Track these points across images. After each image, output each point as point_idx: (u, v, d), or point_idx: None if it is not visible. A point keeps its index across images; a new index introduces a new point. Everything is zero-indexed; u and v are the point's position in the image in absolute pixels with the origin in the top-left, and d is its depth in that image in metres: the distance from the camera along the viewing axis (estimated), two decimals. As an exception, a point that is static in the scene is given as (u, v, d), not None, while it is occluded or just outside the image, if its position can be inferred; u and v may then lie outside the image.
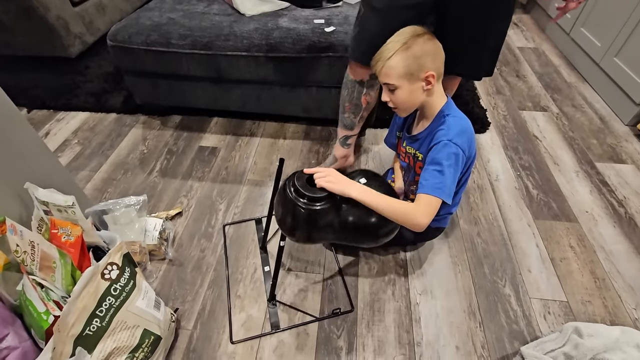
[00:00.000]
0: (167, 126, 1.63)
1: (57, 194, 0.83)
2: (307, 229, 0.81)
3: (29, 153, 0.91)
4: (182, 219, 1.24)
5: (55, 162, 1.01)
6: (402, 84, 0.81)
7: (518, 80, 1.92)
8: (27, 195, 0.85)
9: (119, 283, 0.75)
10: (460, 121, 0.85)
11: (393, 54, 0.79)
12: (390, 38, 0.81)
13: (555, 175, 1.38)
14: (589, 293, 1.03)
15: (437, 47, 0.80)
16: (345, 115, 1.17)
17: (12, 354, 0.67)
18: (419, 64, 0.79)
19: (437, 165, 0.81)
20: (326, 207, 0.78)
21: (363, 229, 0.84)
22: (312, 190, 0.78)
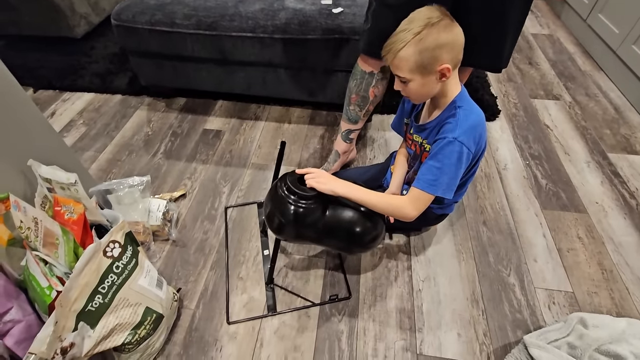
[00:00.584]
0: (172, 108, 1.62)
1: (60, 171, 0.82)
2: (294, 227, 0.82)
3: (33, 131, 0.91)
4: (185, 200, 1.24)
5: (59, 140, 1.01)
6: (414, 77, 0.75)
7: (531, 67, 1.87)
8: (31, 173, 0.85)
9: (121, 261, 0.76)
10: (472, 115, 0.79)
11: (404, 45, 0.71)
12: (402, 25, 0.74)
13: (566, 165, 1.35)
14: (596, 284, 1.01)
15: (455, 35, 0.72)
16: (351, 107, 1.14)
17: (16, 327, 0.68)
18: (432, 57, 0.71)
19: (436, 161, 0.78)
20: (314, 206, 0.81)
21: (348, 232, 0.85)
22: (303, 188, 0.81)
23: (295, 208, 0.80)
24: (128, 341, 0.76)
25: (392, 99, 1.59)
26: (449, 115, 0.80)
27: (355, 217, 0.85)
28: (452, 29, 0.71)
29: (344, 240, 0.87)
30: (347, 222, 0.84)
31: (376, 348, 0.90)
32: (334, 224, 0.84)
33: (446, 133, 0.78)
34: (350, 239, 0.86)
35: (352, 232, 0.85)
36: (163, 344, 0.89)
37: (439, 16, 0.71)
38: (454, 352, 0.89)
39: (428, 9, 0.73)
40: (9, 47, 1.97)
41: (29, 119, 0.90)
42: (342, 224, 0.84)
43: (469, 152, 0.78)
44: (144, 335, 0.79)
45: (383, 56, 0.77)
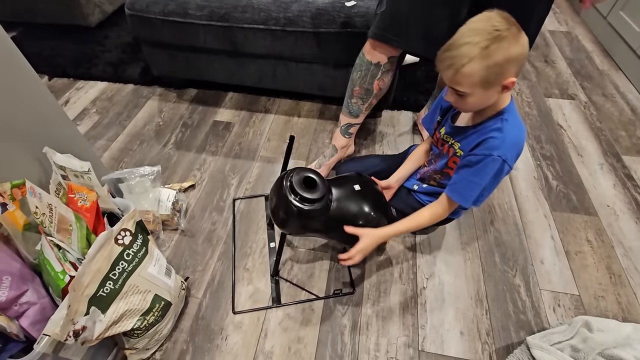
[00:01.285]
0: (183, 99, 1.63)
1: (74, 160, 0.84)
2: (297, 225, 0.84)
3: (49, 119, 0.93)
4: (194, 191, 1.26)
5: (74, 129, 1.03)
6: (475, 91, 0.68)
7: (546, 65, 1.83)
8: (46, 160, 0.87)
9: (132, 249, 0.77)
10: (517, 130, 0.75)
11: (469, 61, 0.64)
12: (464, 35, 0.65)
13: (578, 166, 1.33)
14: (603, 288, 1.00)
15: (524, 46, 0.65)
16: (353, 100, 1.10)
17: (31, 309, 0.70)
18: (500, 73, 0.65)
19: (476, 176, 0.76)
20: (316, 209, 0.81)
21: (349, 234, 0.85)
22: (307, 190, 0.80)
23: (298, 209, 0.80)
24: (137, 327, 0.78)
25: (404, 95, 1.58)
26: (495, 127, 0.75)
27: (359, 211, 0.86)
28: (521, 39, 0.65)
29: (348, 235, 0.87)
30: (351, 217, 0.85)
31: (378, 343, 0.91)
32: (338, 218, 0.85)
33: (492, 150, 0.73)
34: (352, 235, 0.86)
35: (356, 227, 0.85)
36: (170, 330, 0.91)
37: (507, 26, 0.63)
38: (457, 350, 0.89)
39: (492, 17, 0.65)
40: (25, 35, 2.00)
41: (45, 106, 0.92)
42: (346, 218, 0.85)
43: (509, 169, 0.75)
44: (152, 322, 0.81)
45: (437, 65, 0.70)
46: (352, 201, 0.86)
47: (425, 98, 1.58)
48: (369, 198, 0.90)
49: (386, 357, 0.89)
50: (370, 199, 0.90)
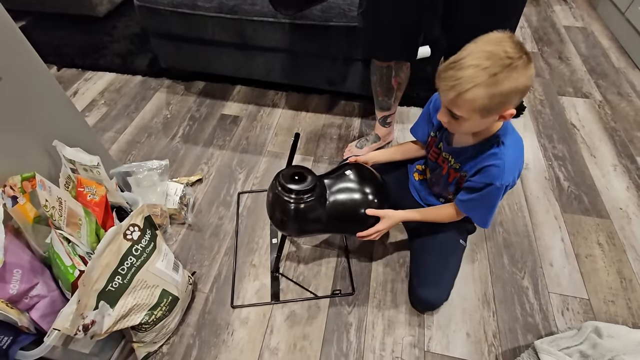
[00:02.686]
0: (191, 92, 1.62)
1: (83, 154, 0.84)
2: (296, 224, 0.84)
3: (59, 112, 0.93)
4: (202, 185, 1.26)
5: (83, 122, 1.03)
6: (473, 117, 0.65)
7: (560, 62, 1.78)
8: (56, 154, 0.87)
9: (140, 244, 0.78)
10: (516, 151, 0.74)
11: (474, 86, 0.60)
12: (472, 55, 0.61)
13: (591, 167, 1.31)
14: (613, 293, 0.99)
15: (531, 78, 0.62)
16: (380, 99, 1.18)
17: (41, 302, 0.71)
18: (502, 102, 0.62)
19: (482, 202, 0.78)
20: (312, 199, 0.81)
21: (353, 217, 0.86)
22: (297, 183, 0.80)
23: (295, 205, 0.80)
24: (145, 321, 0.79)
25: (413, 90, 1.55)
26: (492, 152, 0.73)
27: (357, 199, 0.86)
28: (529, 70, 0.61)
29: (351, 226, 0.88)
30: (350, 207, 0.86)
31: (384, 342, 0.91)
32: (336, 212, 0.85)
33: (494, 179, 0.73)
34: (356, 223, 0.87)
35: (358, 216, 0.86)
36: (177, 324, 0.92)
37: (519, 54, 0.59)
38: (462, 352, 0.89)
39: (504, 41, 0.60)
40: (33, 24, 1.99)
41: (55, 99, 0.92)
42: (346, 209, 0.86)
43: (511, 185, 0.76)
44: (160, 316, 0.82)
45: (437, 84, 0.66)
46: (345, 192, 0.87)
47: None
48: (364, 179, 0.89)
49: (392, 357, 0.89)
50: (365, 180, 0.89)
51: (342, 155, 1.35)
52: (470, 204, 0.80)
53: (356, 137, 1.41)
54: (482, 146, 0.75)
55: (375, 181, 0.91)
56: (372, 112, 1.51)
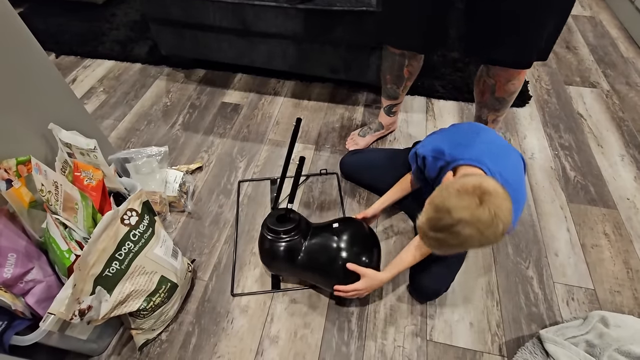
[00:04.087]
0: (191, 80, 1.60)
1: (79, 137, 0.82)
2: (279, 262, 0.89)
3: (55, 96, 0.91)
4: (202, 173, 1.24)
5: (80, 106, 1.01)
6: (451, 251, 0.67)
7: (568, 52, 1.75)
8: (52, 138, 0.85)
9: (138, 229, 0.76)
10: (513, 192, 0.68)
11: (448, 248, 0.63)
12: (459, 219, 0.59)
13: (598, 157, 1.28)
14: (619, 283, 0.97)
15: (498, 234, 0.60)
16: (388, 86, 1.15)
17: (37, 287, 0.70)
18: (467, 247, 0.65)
19: None
20: (291, 242, 0.86)
21: (326, 268, 0.86)
22: (281, 225, 0.87)
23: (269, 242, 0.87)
24: (143, 307, 0.78)
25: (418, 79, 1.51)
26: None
27: (337, 250, 0.86)
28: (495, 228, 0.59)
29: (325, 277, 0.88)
30: (327, 255, 0.86)
31: (386, 331, 0.90)
32: (312, 257, 0.87)
33: None
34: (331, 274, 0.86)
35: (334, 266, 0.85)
36: (177, 312, 0.91)
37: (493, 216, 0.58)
38: (465, 341, 0.88)
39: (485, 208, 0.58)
40: (32, 11, 1.96)
41: (52, 83, 0.90)
42: (323, 256, 0.86)
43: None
44: (158, 303, 0.81)
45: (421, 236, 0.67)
46: (331, 237, 0.87)
47: (441, 83, 1.52)
48: (354, 234, 0.89)
49: (393, 346, 0.87)
50: (354, 234, 0.89)
51: (344, 144, 1.33)
52: None
53: (359, 126, 1.39)
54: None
55: (367, 239, 0.90)
56: (375, 101, 1.49)
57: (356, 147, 1.30)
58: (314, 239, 0.88)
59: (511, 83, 0.95)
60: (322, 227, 0.91)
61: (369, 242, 0.90)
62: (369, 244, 0.89)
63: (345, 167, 1.18)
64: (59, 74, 0.91)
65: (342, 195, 1.17)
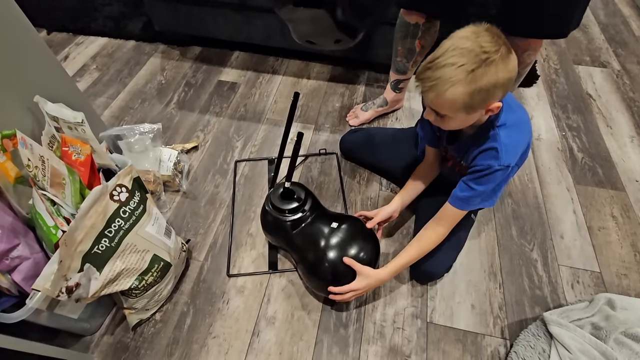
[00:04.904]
0: (187, 57, 1.54)
1: (66, 109, 0.79)
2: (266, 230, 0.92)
3: (43, 70, 0.87)
4: (197, 153, 1.20)
5: (70, 81, 0.96)
6: (457, 115, 0.64)
7: (577, 30, 1.68)
8: (40, 112, 0.82)
9: (129, 206, 0.73)
10: (515, 133, 0.69)
11: (451, 85, 0.58)
12: (447, 54, 0.58)
13: (606, 138, 1.24)
14: (626, 266, 0.94)
15: (512, 70, 0.59)
16: (398, 59, 1.09)
17: (23, 264, 0.67)
18: (484, 98, 0.60)
19: (479, 185, 0.72)
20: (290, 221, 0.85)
21: (317, 255, 0.82)
22: (284, 202, 0.86)
23: (268, 213, 0.87)
24: (135, 286, 0.75)
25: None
26: (487, 138, 0.70)
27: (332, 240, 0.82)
28: (509, 62, 0.58)
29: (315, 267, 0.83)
30: (320, 245, 0.82)
31: (385, 313, 0.88)
32: (303, 241, 0.85)
33: (491, 161, 0.69)
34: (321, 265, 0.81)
35: (325, 257, 0.81)
36: (171, 292, 0.89)
37: (496, 47, 0.57)
38: (467, 324, 0.86)
39: (481, 35, 0.57)
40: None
41: (39, 58, 0.86)
42: (315, 243, 0.83)
43: (515, 167, 0.70)
44: (151, 282, 0.78)
45: (417, 84, 0.63)
46: (332, 226, 0.84)
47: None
48: (354, 231, 0.84)
49: (393, 328, 0.85)
50: (354, 232, 0.84)
51: (344, 124, 1.29)
52: (466, 198, 0.74)
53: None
54: (478, 134, 0.72)
55: (365, 239, 0.84)
56: (377, 80, 1.44)
57: (357, 121, 1.26)
58: (313, 225, 0.84)
59: (527, 54, 0.90)
60: (325, 216, 0.87)
61: (367, 244, 0.84)
62: (367, 245, 0.83)
63: (345, 145, 1.14)
64: (48, 48, 0.88)
65: (342, 175, 1.14)
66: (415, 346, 0.83)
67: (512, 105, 0.71)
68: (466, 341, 0.83)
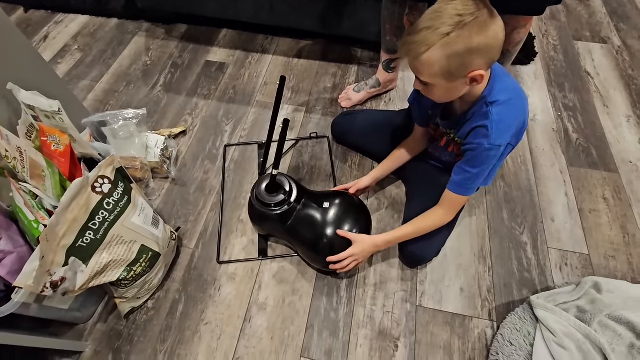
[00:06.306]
0: (172, 36, 1.48)
1: (41, 98, 0.75)
2: (273, 228, 0.92)
3: (16, 54, 0.82)
4: (186, 138, 1.18)
5: (46, 66, 0.92)
6: (438, 82, 0.63)
7: (579, 3, 1.62)
8: (15, 100, 0.78)
9: (112, 197, 0.72)
10: (508, 110, 0.68)
11: (427, 49, 0.58)
12: (425, 18, 0.58)
13: (602, 118, 1.22)
14: (615, 248, 0.95)
15: (491, 37, 0.58)
16: (387, 37, 1.05)
17: (7, 258, 0.66)
18: (462, 64, 0.59)
19: (473, 167, 0.72)
20: (278, 213, 0.85)
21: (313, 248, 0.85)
22: (269, 197, 0.86)
23: (255, 206, 0.87)
24: (123, 277, 0.75)
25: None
26: (481, 115, 0.69)
27: (326, 217, 0.85)
28: (488, 28, 0.57)
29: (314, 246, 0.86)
30: (318, 224, 0.84)
31: (375, 297, 0.89)
32: (300, 226, 0.86)
33: (481, 139, 0.69)
34: (320, 243, 0.84)
35: (322, 235, 0.84)
36: (162, 280, 0.89)
37: (472, 11, 0.56)
38: (455, 307, 0.87)
39: (457, 3, 0.56)
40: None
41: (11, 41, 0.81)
42: (313, 225, 0.85)
43: (508, 146, 0.70)
44: (140, 272, 0.78)
45: (398, 51, 0.63)
46: (323, 206, 0.86)
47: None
48: (345, 205, 0.87)
49: (382, 311, 0.87)
50: (346, 206, 0.87)
51: (336, 106, 1.25)
52: (463, 182, 0.75)
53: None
54: (472, 110, 0.71)
55: (357, 213, 0.88)
56: (371, 59, 1.40)
57: (349, 103, 1.23)
58: (305, 210, 0.85)
59: (517, 32, 0.87)
60: (313, 198, 0.88)
61: (359, 216, 0.87)
62: (359, 217, 0.87)
63: (337, 128, 1.12)
64: (20, 32, 0.82)
65: (333, 160, 1.12)
66: (404, 329, 0.84)
67: (507, 83, 0.70)
68: (454, 324, 0.85)
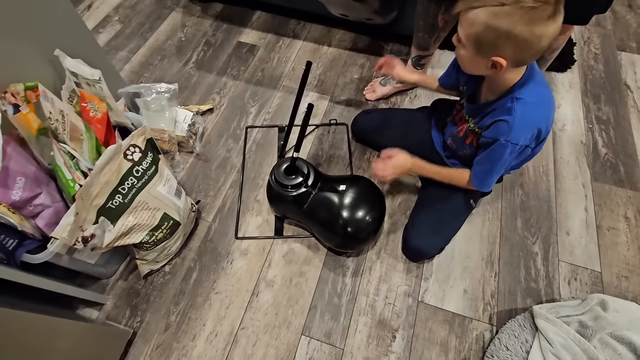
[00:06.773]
0: (208, 14, 1.51)
1: (84, 66, 0.80)
2: (274, 205, 0.97)
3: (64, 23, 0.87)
4: (212, 115, 1.22)
5: (90, 36, 0.97)
6: (468, 46, 0.64)
7: (629, 11, 1.54)
8: (60, 66, 0.84)
9: (141, 166, 0.76)
10: (532, 111, 0.68)
11: (479, 6, 0.58)
12: None
13: (636, 135, 1.17)
14: (629, 269, 0.94)
15: (536, 34, 0.57)
16: (419, 34, 1.05)
17: (45, 211, 0.73)
18: (494, 43, 0.59)
19: (488, 162, 0.75)
20: (294, 195, 0.88)
21: (329, 226, 0.87)
22: (287, 179, 0.88)
23: (276, 189, 0.90)
24: (145, 240, 0.81)
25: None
26: (504, 109, 0.69)
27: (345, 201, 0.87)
28: (538, 25, 0.56)
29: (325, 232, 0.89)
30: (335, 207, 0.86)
31: (379, 288, 0.91)
32: (314, 217, 0.89)
33: (499, 135, 0.69)
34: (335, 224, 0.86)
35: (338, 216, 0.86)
36: (180, 248, 0.95)
37: (539, 3, 0.55)
38: (456, 307, 0.89)
39: None
40: None
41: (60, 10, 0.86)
42: (330, 208, 0.87)
43: (526, 148, 0.71)
44: (160, 238, 0.84)
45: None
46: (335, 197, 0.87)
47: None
48: (364, 191, 0.90)
49: (384, 303, 0.89)
50: (362, 198, 0.89)
51: (361, 97, 1.26)
52: (479, 167, 0.78)
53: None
54: (498, 102, 0.71)
55: (373, 198, 0.90)
56: (400, 52, 1.38)
57: (374, 96, 1.24)
58: (321, 193, 0.88)
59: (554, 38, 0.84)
60: (329, 182, 0.90)
61: (375, 200, 0.90)
62: (375, 201, 0.89)
63: (357, 126, 1.12)
64: (68, 1, 0.87)
65: (351, 148, 1.14)
66: (403, 322, 0.87)
67: (539, 83, 0.70)
68: (453, 323, 0.87)
